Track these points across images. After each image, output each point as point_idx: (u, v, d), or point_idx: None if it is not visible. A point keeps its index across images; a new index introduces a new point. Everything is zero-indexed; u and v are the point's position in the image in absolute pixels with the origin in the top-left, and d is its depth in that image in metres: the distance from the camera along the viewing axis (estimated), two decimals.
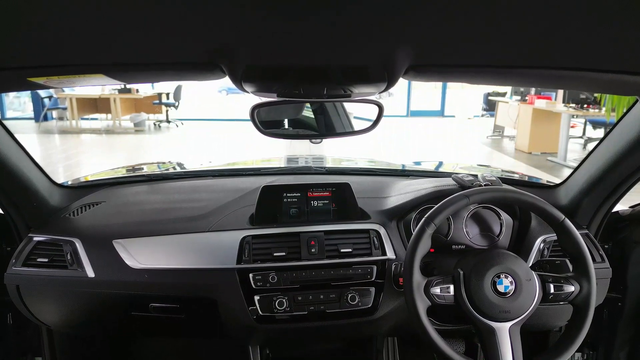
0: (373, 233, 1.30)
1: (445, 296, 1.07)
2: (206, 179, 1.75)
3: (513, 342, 1.04)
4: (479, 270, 1.07)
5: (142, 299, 1.30)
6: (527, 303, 1.06)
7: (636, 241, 1.51)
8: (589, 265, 1.08)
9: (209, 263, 1.25)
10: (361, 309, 1.26)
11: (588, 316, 1.07)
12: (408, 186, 1.50)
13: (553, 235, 1.32)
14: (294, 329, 1.27)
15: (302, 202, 1.34)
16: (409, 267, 1.06)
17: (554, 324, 1.51)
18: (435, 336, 1.04)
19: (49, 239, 1.30)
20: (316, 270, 1.25)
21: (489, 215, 1.38)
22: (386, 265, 1.28)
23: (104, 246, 1.27)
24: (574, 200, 1.43)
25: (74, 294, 1.30)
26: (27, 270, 1.28)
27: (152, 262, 1.25)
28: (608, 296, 1.45)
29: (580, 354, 1.80)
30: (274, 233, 1.28)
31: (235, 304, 1.23)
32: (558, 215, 1.10)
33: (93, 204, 1.48)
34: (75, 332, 1.70)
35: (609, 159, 1.28)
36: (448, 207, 1.10)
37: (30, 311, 1.37)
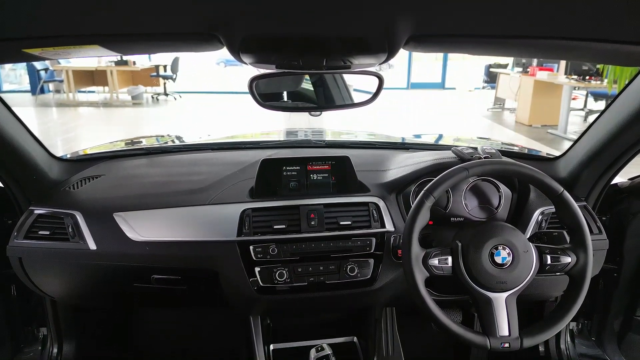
0: (372, 206, 1.31)
1: (443, 267, 1.08)
2: (205, 152, 1.75)
3: (509, 312, 1.06)
4: (477, 242, 1.08)
5: (144, 271, 1.31)
6: (523, 274, 1.07)
7: (634, 213, 1.52)
8: (586, 237, 1.09)
9: (209, 235, 1.26)
10: (360, 280, 1.27)
11: (584, 287, 1.08)
12: (408, 159, 1.50)
13: (551, 207, 1.33)
14: (294, 300, 1.29)
15: (302, 175, 1.34)
16: (408, 239, 1.07)
17: (550, 294, 1.53)
18: (433, 306, 1.06)
19: (50, 212, 1.31)
20: (316, 242, 1.26)
21: (488, 187, 1.38)
22: (385, 237, 1.29)
23: (105, 219, 1.27)
24: (573, 173, 1.43)
25: (77, 266, 1.32)
26: (29, 242, 1.29)
27: (153, 234, 1.26)
28: (604, 267, 1.47)
29: (575, 323, 1.84)
30: (274, 206, 1.29)
31: (236, 276, 1.25)
32: (557, 187, 1.10)
33: (93, 177, 1.48)
34: (78, 303, 1.73)
35: (609, 131, 1.27)
36: (447, 180, 1.10)
37: (33, 283, 1.39)
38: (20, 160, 1.30)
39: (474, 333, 1.06)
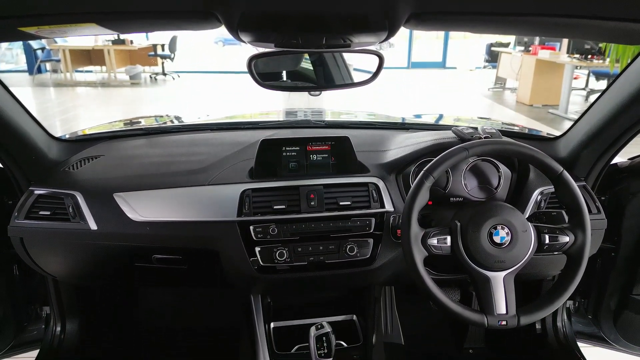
0: (372, 186, 1.31)
1: (442, 247, 1.09)
2: (205, 133, 1.74)
3: (507, 290, 1.07)
4: (476, 221, 1.09)
5: (144, 250, 1.32)
6: (522, 253, 1.08)
7: (633, 193, 1.52)
8: (585, 216, 1.09)
9: (209, 216, 1.26)
10: (359, 260, 1.28)
11: (581, 266, 1.09)
12: (407, 139, 1.49)
13: (550, 187, 1.33)
14: (294, 279, 1.30)
15: (302, 156, 1.34)
16: (407, 219, 1.08)
17: (547, 273, 1.55)
18: (432, 285, 1.07)
19: (50, 192, 1.31)
20: (315, 222, 1.27)
21: (488, 167, 1.38)
22: (384, 217, 1.29)
23: (105, 199, 1.28)
24: (573, 153, 1.43)
25: (78, 246, 1.33)
26: (30, 222, 1.29)
27: (154, 214, 1.26)
28: (602, 246, 1.48)
29: (572, 301, 1.86)
30: (274, 186, 1.29)
31: (236, 255, 1.26)
32: (556, 167, 1.10)
33: (92, 158, 1.48)
34: (80, 283, 1.74)
35: (610, 111, 1.27)
36: (447, 160, 1.10)
37: (35, 262, 1.40)
38: (19, 140, 1.30)
39: (472, 311, 1.07)
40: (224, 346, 1.98)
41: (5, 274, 1.56)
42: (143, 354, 2.06)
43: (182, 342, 2.12)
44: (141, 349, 2.10)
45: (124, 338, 2.15)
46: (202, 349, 2.06)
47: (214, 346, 2.05)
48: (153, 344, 2.12)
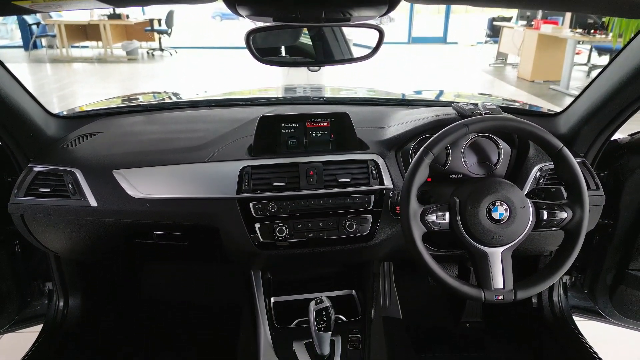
0: (371, 163, 1.31)
1: (440, 223, 1.10)
2: (203, 109, 1.73)
3: (504, 266, 1.08)
4: (474, 198, 1.09)
5: (145, 227, 1.33)
6: (520, 229, 1.09)
7: (632, 169, 1.53)
8: (583, 193, 1.10)
9: (209, 193, 1.26)
10: (358, 236, 1.29)
11: (578, 241, 1.10)
12: (407, 116, 1.48)
13: (550, 163, 1.33)
14: (294, 255, 1.31)
15: (301, 133, 1.34)
16: (406, 196, 1.08)
17: (545, 248, 1.56)
18: (430, 261, 1.08)
19: (49, 169, 1.31)
20: (315, 199, 1.27)
21: (487, 144, 1.38)
22: (383, 194, 1.30)
23: (104, 176, 1.28)
24: (574, 129, 1.42)
25: (78, 222, 1.33)
26: (30, 199, 1.30)
27: (153, 191, 1.26)
28: (600, 222, 1.49)
29: (568, 276, 1.88)
30: (273, 164, 1.29)
31: (236, 232, 1.26)
32: (556, 143, 1.10)
33: (90, 135, 1.48)
34: (82, 258, 1.76)
35: (611, 87, 1.26)
36: (447, 137, 1.10)
37: (36, 239, 1.41)
38: (16, 117, 1.29)
39: (469, 286, 1.09)
40: (225, 320, 2.02)
41: (6, 251, 1.57)
42: (145, 328, 2.10)
43: (184, 316, 2.15)
44: (143, 324, 2.13)
45: (126, 313, 2.18)
46: (203, 324, 2.09)
47: (216, 320, 2.08)
48: (155, 319, 2.15)
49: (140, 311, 2.20)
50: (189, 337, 2.04)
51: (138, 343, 2.01)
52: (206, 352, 1.92)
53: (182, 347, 1.98)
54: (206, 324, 2.09)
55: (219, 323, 2.06)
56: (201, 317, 2.13)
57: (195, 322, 2.12)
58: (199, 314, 2.15)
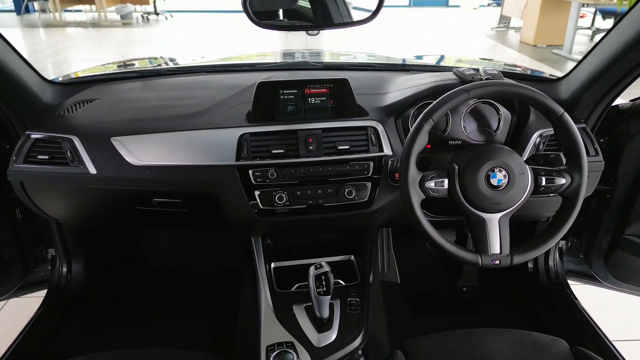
0: (371, 130, 1.30)
1: (439, 190, 1.10)
2: (200, 75, 1.71)
3: (501, 231, 1.10)
4: (473, 164, 1.09)
5: (145, 194, 1.33)
6: (518, 195, 1.09)
7: (632, 135, 1.52)
8: (583, 159, 1.10)
9: (208, 160, 1.26)
10: (357, 203, 1.30)
11: (576, 207, 1.11)
12: (408, 81, 1.46)
13: (550, 130, 1.33)
14: (293, 221, 1.32)
15: (299, 99, 1.32)
16: (405, 163, 1.08)
17: (542, 214, 1.58)
18: (428, 227, 1.09)
19: (47, 137, 1.30)
20: (314, 166, 1.27)
21: (488, 110, 1.37)
22: (383, 161, 1.30)
23: (103, 143, 1.27)
24: (575, 94, 1.41)
25: (78, 190, 1.34)
26: (29, 167, 1.30)
27: (152, 159, 1.26)
28: (598, 188, 1.50)
29: (564, 241, 1.91)
30: (272, 130, 1.28)
31: (236, 199, 1.27)
32: (557, 109, 1.09)
33: (87, 101, 1.46)
34: (83, 225, 1.78)
35: (615, 51, 1.24)
36: (447, 103, 1.09)
37: (37, 206, 1.41)
38: (11, 83, 1.27)
39: (467, 251, 1.10)
40: (226, 285, 2.05)
41: (8, 217, 1.59)
42: (148, 294, 2.14)
43: (185, 282, 2.19)
44: (146, 289, 2.17)
45: (129, 279, 2.22)
46: (204, 289, 2.13)
47: (217, 285, 2.12)
48: (157, 284, 2.19)
49: (143, 277, 2.24)
50: (190, 302, 2.08)
51: (141, 308, 2.05)
52: (208, 316, 1.96)
53: (183, 311, 2.02)
54: (207, 289, 2.13)
55: (220, 288, 2.10)
56: (202, 282, 2.17)
57: (196, 287, 2.16)
58: (200, 279, 2.19)
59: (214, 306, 2.01)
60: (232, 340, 1.74)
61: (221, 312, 1.95)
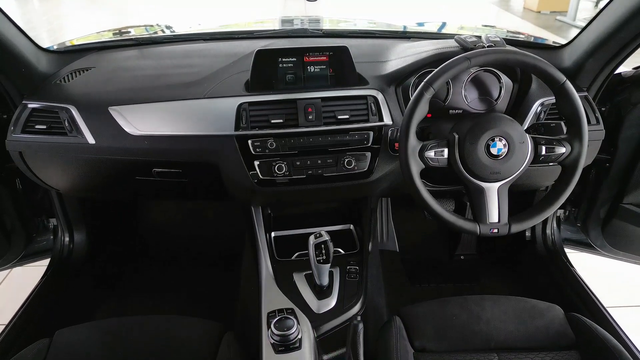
0: (371, 99, 1.29)
1: (439, 159, 1.10)
2: (198, 43, 1.68)
3: (500, 200, 1.10)
4: (474, 133, 1.09)
5: (144, 164, 1.33)
6: (517, 165, 1.09)
7: (634, 103, 1.51)
8: (583, 127, 1.09)
9: (207, 130, 1.25)
10: (357, 173, 1.30)
11: (575, 176, 1.11)
12: (408, 49, 1.44)
13: (551, 98, 1.31)
14: (293, 191, 1.33)
15: (298, 68, 1.30)
16: (405, 133, 1.07)
17: (541, 183, 1.58)
18: (427, 196, 1.10)
19: (44, 106, 1.29)
20: (314, 136, 1.27)
21: (489, 78, 1.35)
22: (382, 131, 1.29)
23: (100, 113, 1.26)
24: (578, 62, 1.39)
25: (77, 160, 1.33)
26: (28, 137, 1.29)
27: (151, 128, 1.25)
28: (597, 157, 1.50)
29: (562, 210, 1.92)
30: (271, 100, 1.27)
31: (236, 169, 1.27)
32: (559, 77, 1.08)
33: (83, 70, 1.44)
34: (83, 195, 1.78)
35: (619, 17, 1.21)
36: (448, 71, 1.07)
37: (37, 176, 1.42)
38: (6, 52, 1.25)
39: (465, 220, 1.11)
40: (227, 254, 2.08)
41: (8, 187, 1.59)
42: (150, 263, 2.17)
43: (186, 251, 2.22)
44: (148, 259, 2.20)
45: (130, 248, 2.24)
46: (205, 258, 2.16)
47: (218, 254, 2.14)
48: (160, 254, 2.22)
49: (144, 246, 2.27)
50: (192, 271, 2.11)
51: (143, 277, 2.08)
52: (209, 284, 1.99)
53: (185, 280, 2.06)
54: (208, 258, 2.16)
55: (221, 257, 2.12)
56: (203, 251, 2.19)
57: (197, 256, 2.18)
58: (201, 248, 2.21)
59: (216, 275, 2.04)
60: (233, 307, 1.78)
61: (223, 280, 1.98)
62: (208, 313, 1.34)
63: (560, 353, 1.12)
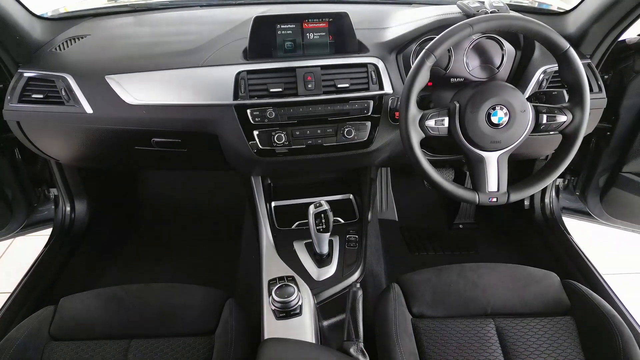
0: (371, 67, 1.27)
1: (439, 128, 1.09)
2: (194, 10, 1.64)
3: (500, 169, 1.10)
4: (475, 102, 1.08)
5: (143, 134, 1.32)
6: (518, 133, 1.09)
7: (637, 71, 1.49)
8: (585, 95, 1.08)
9: (205, 99, 1.24)
10: (357, 142, 1.29)
11: (575, 145, 1.11)
12: (410, 15, 1.41)
13: (554, 66, 1.30)
14: (293, 161, 1.33)
15: (297, 35, 1.28)
16: (406, 101, 1.06)
17: (541, 152, 1.58)
18: (427, 166, 1.10)
19: (40, 75, 1.28)
20: (313, 106, 1.25)
21: (491, 45, 1.33)
22: (383, 100, 1.28)
23: (97, 82, 1.25)
24: (582, 28, 1.36)
25: (76, 129, 1.33)
26: (25, 106, 1.28)
27: (149, 97, 1.24)
28: (598, 126, 1.49)
29: (561, 179, 1.93)
30: (269, 68, 1.25)
31: (235, 139, 1.26)
32: (562, 43, 1.06)
33: (78, 38, 1.42)
34: (83, 165, 1.78)
35: None
36: (450, 38, 1.05)
37: (35, 146, 1.41)
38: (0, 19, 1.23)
39: (464, 189, 1.11)
40: (227, 224, 2.10)
41: (7, 158, 1.59)
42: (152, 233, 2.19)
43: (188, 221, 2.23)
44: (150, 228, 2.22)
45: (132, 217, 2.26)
46: (206, 227, 2.18)
47: (218, 224, 2.16)
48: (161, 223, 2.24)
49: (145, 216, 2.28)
50: (193, 240, 2.13)
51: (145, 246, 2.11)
52: (211, 253, 2.02)
53: (187, 249, 2.08)
54: (209, 227, 2.18)
55: (221, 226, 2.14)
56: (204, 221, 2.21)
57: (198, 225, 2.20)
58: (202, 218, 2.23)
59: (217, 244, 2.06)
60: (234, 276, 1.81)
61: (223, 249, 2.00)
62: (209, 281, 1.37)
63: (555, 319, 1.14)
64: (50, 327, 1.13)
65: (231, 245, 1.98)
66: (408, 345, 1.09)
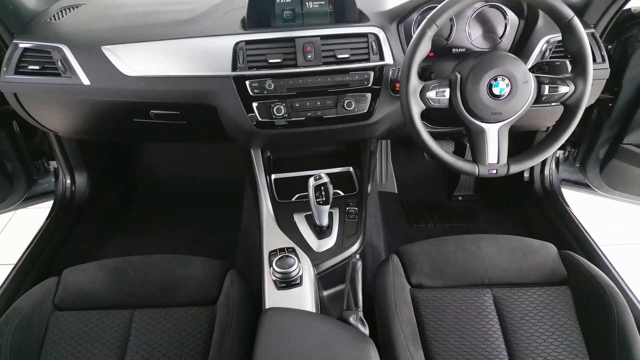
0: (372, 37, 1.25)
1: (440, 100, 1.08)
2: None
3: (500, 141, 1.10)
4: (476, 73, 1.06)
5: (142, 106, 1.31)
6: (519, 105, 1.08)
7: None
8: (588, 66, 1.07)
9: (203, 70, 1.23)
10: (357, 114, 1.29)
11: (576, 116, 1.10)
12: None
13: (557, 35, 1.27)
14: (292, 134, 1.32)
15: (296, 3, 1.25)
16: (407, 72, 1.05)
17: (542, 124, 1.57)
18: (427, 138, 1.09)
19: (36, 46, 1.26)
20: (313, 77, 1.24)
21: (494, 14, 1.30)
22: (383, 70, 1.26)
23: (94, 53, 1.23)
24: None
25: (73, 101, 1.31)
26: (21, 77, 1.26)
27: (146, 69, 1.22)
28: (600, 97, 1.47)
29: (562, 151, 1.92)
30: (268, 38, 1.23)
31: (234, 111, 1.25)
32: (567, 12, 1.04)
33: (73, 7, 1.39)
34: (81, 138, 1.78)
35: None
36: (452, 6, 1.03)
37: (33, 118, 1.40)
38: None
39: (464, 161, 1.11)
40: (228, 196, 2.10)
41: (6, 130, 1.58)
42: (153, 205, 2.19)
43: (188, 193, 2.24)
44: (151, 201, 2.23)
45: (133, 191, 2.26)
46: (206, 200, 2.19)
47: (219, 196, 2.17)
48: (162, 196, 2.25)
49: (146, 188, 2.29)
50: (193, 212, 2.14)
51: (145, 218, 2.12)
52: (211, 225, 2.03)
53: (188, 222, 2.09)
54: (210, 199, 2.18)
55: (222, 199, 2.15)
56: (205, 193, 2.22)
57: (198, 198, 2.21)
58: (202, 190, 2.23)
59: (217, 216, 2.07)
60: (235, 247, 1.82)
61: (225, 221, 2.02)
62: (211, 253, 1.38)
63: (552, 288, 1.16)
64: (55, 297, 1.15)
65: (232, 217, 1.99)
66: (406, 314, 1.11)
